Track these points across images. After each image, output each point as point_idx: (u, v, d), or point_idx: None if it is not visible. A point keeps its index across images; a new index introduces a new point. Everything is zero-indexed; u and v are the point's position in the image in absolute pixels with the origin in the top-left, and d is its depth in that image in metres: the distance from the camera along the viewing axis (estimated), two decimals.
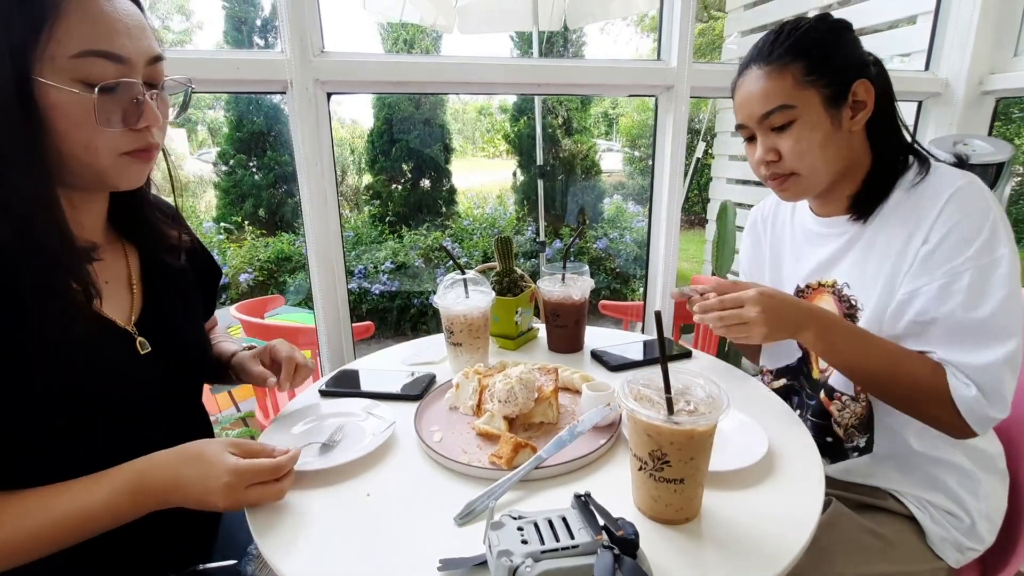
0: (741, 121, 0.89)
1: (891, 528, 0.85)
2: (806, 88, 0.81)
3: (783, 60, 0.82)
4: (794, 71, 0.82)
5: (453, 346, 1.01)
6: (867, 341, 0.81)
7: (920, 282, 0.78)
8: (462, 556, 0.56)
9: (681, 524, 0.62)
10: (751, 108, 0.86)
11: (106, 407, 0.66)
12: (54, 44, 0.55)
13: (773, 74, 0.83)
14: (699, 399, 0.61)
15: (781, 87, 0.82)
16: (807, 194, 0.90)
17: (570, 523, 0.53)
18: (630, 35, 10.23)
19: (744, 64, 0.88)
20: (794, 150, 0.83)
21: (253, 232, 5.36)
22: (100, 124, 0.58)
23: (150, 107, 0.62)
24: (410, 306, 4.67)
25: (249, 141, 5.46)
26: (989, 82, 1.64)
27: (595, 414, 0.76)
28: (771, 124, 0.84)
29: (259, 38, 5.74)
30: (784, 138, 0.84)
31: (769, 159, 0.86)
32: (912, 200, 0.82)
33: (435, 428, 0.82)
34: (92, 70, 0.56)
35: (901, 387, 0.79)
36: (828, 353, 0.83)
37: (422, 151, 5.74)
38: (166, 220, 0.80)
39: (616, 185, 7.22)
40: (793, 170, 0.85)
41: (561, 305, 1.08)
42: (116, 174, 0.63)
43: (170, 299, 0.78)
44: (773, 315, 0.79)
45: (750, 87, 0.85)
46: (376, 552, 0.60)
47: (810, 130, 0.82)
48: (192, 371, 0.80)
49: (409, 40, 6.32)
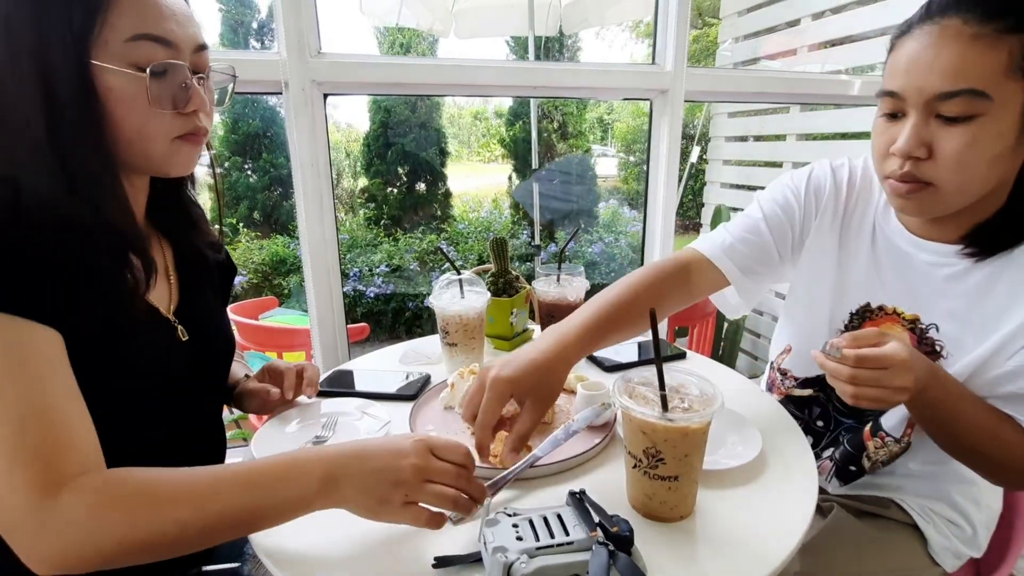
0: (897, 89, 0.64)
1: (892, 535, 0.83)
2: (1018, 78, 0.58)
3: (1009, 22, 0.57)
4: (1014, 46, 0.57)
5: (448, 347, 1.01)
6: (973, 404, 0.68)
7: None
8: (457, 554, 0.56)
9: (675, 522, 0.62)
10: (926, 78, 0.61)
11: (150, 393, 0.67)
12: (108, 29, 0.57)
13: (983, 40, 0.57)
14: (693, 396, 0.62)
15: (986, 64, 0.58)
16: (935, 214, 0.70)
17: (565, 520, 0.53)
18: (625, 40, 10.28)
19: (939, 7, 0.61)
20: (959, 157, 0.61)
21: (248, 235, 5.34)
22: (152, 105, 0.60)
23: (198, 92, 0.64)
24: (405, 309, 4.66)
25: (245, 143, 5.45)
26: None
27: (590, 413, 0.76)
28: (941, 110, 0.61)
29: (255, 41, 5.73)
30: (952, 134, 0.61)
31: (918, 154, 0.64)
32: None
33: (430, 428, 0.82)
34: (143, 53, 0.59)
35: (987, 452, 0.69)
36: (932, 413, 0.68)
37: (418, 155, 5.75)
38: (204, 216, 0.83)
39: (611, 190, 7.24)
40: (936, 181, 0.64)
41: (556, 306, 1.08)
42: (168, 159, 0.65)
43: (202, 291, 0.80)
44: (918, 383, 0.62)
45: (936, 48, 0.60)
46: (370, 550, 0.60)
47: (992, 137, 0.60)
48: (222, 360, 0.83)
49: (406, 44, 6.33)
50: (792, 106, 2.29)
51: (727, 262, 0.89)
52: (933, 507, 0.84)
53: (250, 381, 0.89)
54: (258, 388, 0.85)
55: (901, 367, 0.60)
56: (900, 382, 0.61)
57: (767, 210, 0.90)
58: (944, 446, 0.73)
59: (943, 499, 0.83)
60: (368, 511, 0.56)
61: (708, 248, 0.91)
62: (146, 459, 0.69)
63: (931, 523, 0.83)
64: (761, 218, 0.90)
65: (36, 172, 0.57)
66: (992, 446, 0.68)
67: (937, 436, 0.73)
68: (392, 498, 0.55)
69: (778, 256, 0.90)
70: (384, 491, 0.55)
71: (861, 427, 0.86)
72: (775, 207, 0.89)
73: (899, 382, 0.61)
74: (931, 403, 0.67)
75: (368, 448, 0.58)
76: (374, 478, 0.55)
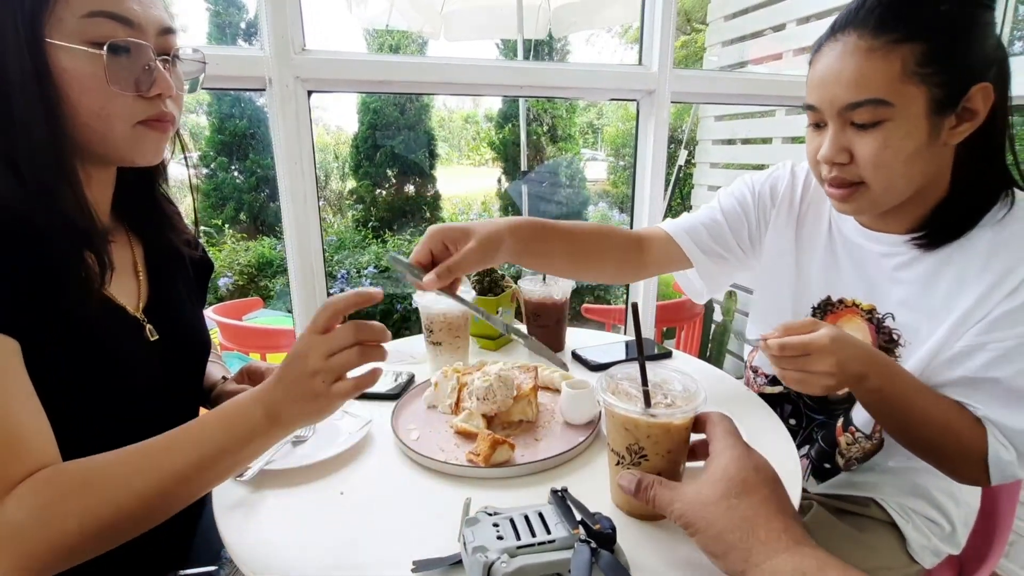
0: (814, 103, 0.70)
1: (871, 534, 0.84)
2: (914, 82, 0.62)
3: (897, 36, 0.62)
4: (906, 55, 0.61)
5: (433, 345, 1.00)
6: (924, 395, 0.69)
7: (991, 337, 0.67)
8: (436, 556, 0.55)
9: (659, 520, 0.61)
10: (834, 92, 0.66)
11: (116, 394, 0.65)
12: (63, 6, 0.55)
13: (877, 53, 0.62)
14: (676, 392, 0.61)
15: (883, 74, 0.62)
16: (872, 212, 0.75)
17: (546, 518, 0.52)
18: (615, 47, 10.35)
19: (839, 25, 0.66)
20: (875, 158, 0.66)
21: (234, 236, 5.28)
22: (111, 84, 0.58)
23: (162, 75, 0.61)
24: (392, 311, 4.63)
25: (231, 144, 5.40)
26: None
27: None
28: (853, 118, 0.66)
29: (244, 40, 5.69)
30: (866, 140, 0.66)
31: (839, 160, 0.69)
32: (1002, 239, 0.68)
33: (412, 427, 0.81)
34: (101, 31, 0.57)
35: (940, 444, 0.70)
36: (879, 404, 0.70)
37: (407, 157, 5.73)
38: (178, 213, 0.80)
39: (600, 193, 7.27)
40: (864, 179, 0.68)
41: (542, 305, 1.08)
42: (131, 146, 0.63)
43: (175, 288, 0.78)
44: (844, 367, 0.64)
45: (840, 64, 0.65)
46: (349, 552, 0.58)
47: (901, 138, 0.64)
48: (195, 360, 0.80)
49: (395, 46, 6.31)
50: (777, 109, 2.31)
51: (687, 240, 0.93)
52: (911, 505, 0.84)
53: (228, 383, 0.87)
54: (237, 390, 0.83)
55: (821, 352, 0.63)
56: (822, 367, 0.63)
57: (724, 204, 0.95)
58: (900, 439, 0.74)
59: (922, 496, 0.83)
60: (314, 414, 0.57)
61: (670, 226, 0.96)
62: None
63: (909, 521, 0.83)
64: (718, 209, 0.95)
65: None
66: (946, 439, 0.69)
67: (890, 428, 0.74)
68: (317, 388, 0.55)
69: (737, 246, 0.95)
70: (307, 387, 0.55)
71: (833, 423, 0.86)
72: (732, 200, 0.95)
73: (820, 367, 0.63)
74: (876, 392, 0.68)
75: (279, 370, 0.58)
76: (295, 386, 0.56)
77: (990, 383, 0.68)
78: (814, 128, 0.73)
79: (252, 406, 0.57)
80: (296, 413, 0.56)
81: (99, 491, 0.52)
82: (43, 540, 0.49)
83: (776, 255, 0.92)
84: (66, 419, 0.60)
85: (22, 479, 0.51)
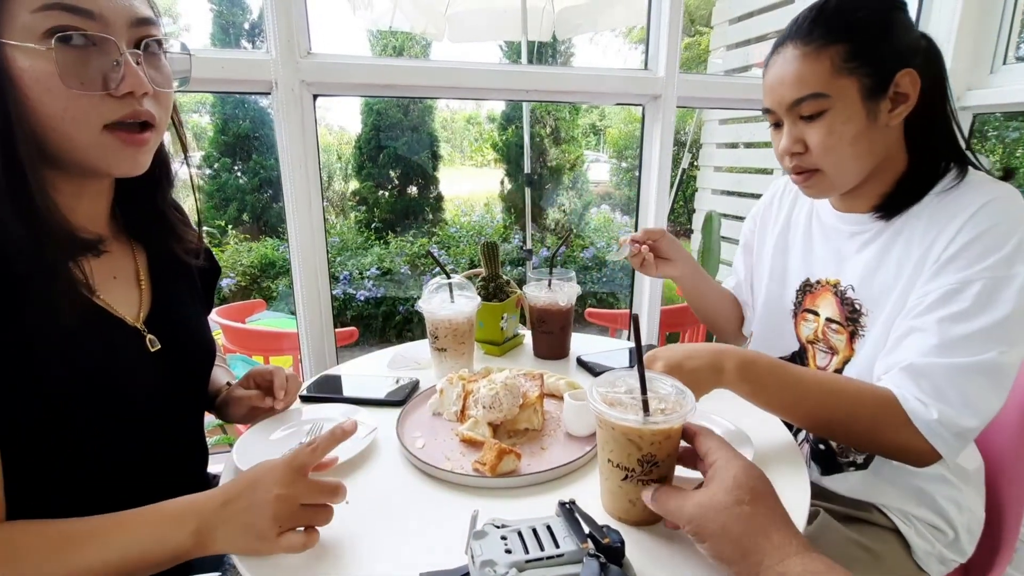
0: (768, 105, 0.82)
1: (877, 541, 0.83)
2: (844, 76, 0.73)
3: (823, 40, 0.74)
4: (833, 55, 0.73)
5: (437, 351, 0.99)
6: (800, 376, 0.73)
7: (928, 288, 0.73)
8: (443, 569, 0.55)
9: (659, 522, 0.61)
10: (781, 93, 0.78)
11: (114, 407, 0.64)
12: (15, 1, 0.51)
13: (809, 56, 0.74)
14: (667, 395, 0.61)
15: (816, 72, 0.74)
16: (832, 192, 0.84)
17: (555, 531, 0.51)
18: (619, 46, 10.34)
19: (780, 41, 0.80)
20: (823, 144, 0.76)
21: (236, 237, 5.29)
22: (64, 82, 0.52)
23: (133, 70, 0.56)
24: (395, 313, 4.63)
25: (234, 144, 5.41)
26: (967, 98, 1.68)
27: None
28: (800, 112, 0.77)
29: (247, 42, 5.70)
30: (813, 129, 0.77)
31: (795, 150, 0.80)
32: (941, 206, 0.76)
33: (418, 434, 0.81)
34: (56, 24, 0.52)
35: (850, 423, 0.72)
36: (759, 393, 0.74)
37: (410, 158, 5.74)
38: (184, 220, 0.78)
39: (603, 195, 7.27)
40: (818, 166, 0.79)
41: (547, 311, 1.07)
42: (101, 154, 0.58)
43: (178, 297, 0.77)
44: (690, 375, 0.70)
45: (782, 69, 0.77)
46: (354, 562, 0.58)
47: (843, 123, 0.75)
48: (199, 369, 0.79)
49: (398, 48, 6.32)
50: None
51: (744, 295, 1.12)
52: (914, 511, 0.83)
53: (235, 388, 0.86)
54: (244, 395, 0.82)
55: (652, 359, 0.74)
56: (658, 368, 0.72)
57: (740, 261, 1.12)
58: (814, 428, 0.77)
59: (924, 503, 0.83)
60: (245, 551, 0.56)
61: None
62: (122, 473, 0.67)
63: (912, 527, 0.83)
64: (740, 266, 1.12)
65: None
66: (853, 411, 0.71)
67: (799, 418, 0.75)
68: (267, 532, 0.54)
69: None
70: (259, 526, 0.54)
71: None
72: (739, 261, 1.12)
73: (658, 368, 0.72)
74: (766, 385, 0.73)
75: (231, 491, 0.56)
76: (246, 515, 0.54)
77: (919, 332, 0.72)
78: (775, 128, 0.84)
79: (186, 518, 0.55)
80: (231, 543, 0.55)
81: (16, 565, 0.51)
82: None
83: (767, 252, 1.02)
84: (64, 431, 0.59)
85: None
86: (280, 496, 0.54)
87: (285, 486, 0.55)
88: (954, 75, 1.67)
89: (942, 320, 0.70)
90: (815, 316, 0.91)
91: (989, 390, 0.69)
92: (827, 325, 0.89)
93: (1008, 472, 0.92)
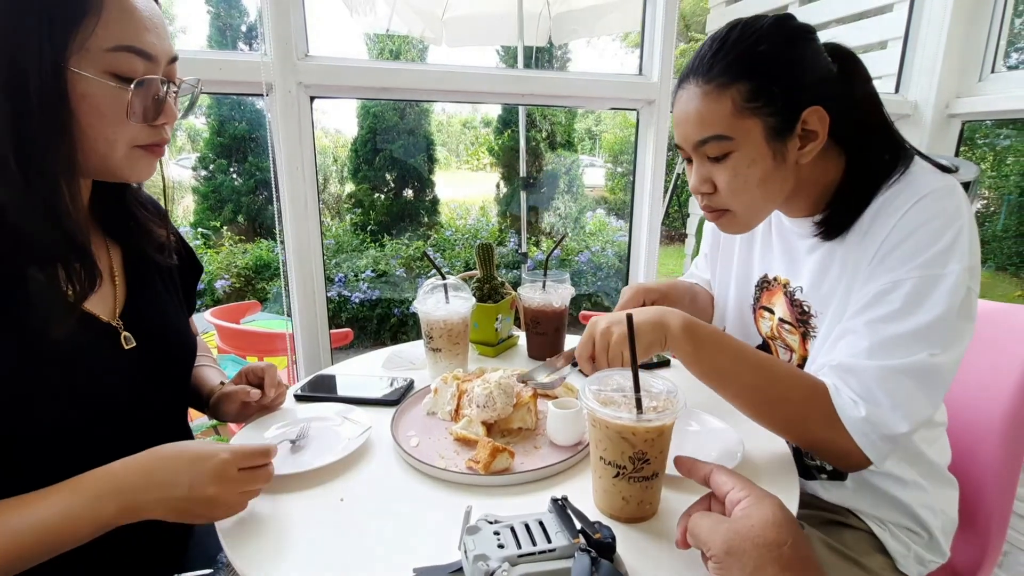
0: (678, 142, 0.78)
1: (856, 545, 0.83)
2: (747, 116, 0.70)
3: (723, 79, 0.70)
4: (734, 95, 0.69)
5: (432, 352, 1.00)
6: (741, 347, 0.72)
7: (864, 289, 0.71)
8: (436, 564, 0.55)
9: (650, 519, 0.62)
10: (685, 131, 0.75)
11: (90, 405, 0.64)
12: (92, 37, 0.57)
13: (711, 96, 0.71)
14: (659, 393, 0.62)
15: (717, 113, 0.70)
16: (745, 230, 0.82)
17: (547, 527, 0.52)
18: (616, 50, 10.40)
19: (683, 76, 0.75)
20: (729, 186, 0.74)
21: (231, 238, 5.28)
22: (129, 117, 0.61)
23: (169, 104, 0.65)
24: (390, 315, 4.63)
25: (230, 146, 5.41)
26: (955, 105, 1.71)
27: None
28: (707, 152, 0.74)
29: (244, 44, 5.71)
30: (719, 170, 0.74)
31: (703, 190, 0.77)
32: (882, 203, 0.73)
33: (412, 433, 0.81)
34: (122, 64, 0.59)
35: (781, 405, 0.70)
36: (700, 354, 0.72)
37: (406, 161, 5.75)
38: (154, 218, 0.79)
39: (598, 199, 7.30)
40: (727, 207, 0.77)
41: (541, 312, 1.08)
42: (128, 167, 0.65)
43: (155, 293, 0.77)
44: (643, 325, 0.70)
45: (686, 107, 0.74)
46: (349, 559, 0.58)
47: (748, 166, 0.72)
48: (177, 366, 0.79)
49: (395, 51, 6.34)
50: None
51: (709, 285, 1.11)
52: (887, 516, 0.83)
53: (227, 385, 0.86)
54: (236, 390, 0.82)
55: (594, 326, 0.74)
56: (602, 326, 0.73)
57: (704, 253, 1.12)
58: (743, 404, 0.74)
59: (896, 506, 0.82)
60: (179, 520, 0.59)
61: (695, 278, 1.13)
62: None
63: (886, 530, 0.83)
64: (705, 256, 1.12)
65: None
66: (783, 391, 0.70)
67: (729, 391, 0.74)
68: (211, 515, 0.60)
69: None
70: (199, 511, 0.59)
71: None
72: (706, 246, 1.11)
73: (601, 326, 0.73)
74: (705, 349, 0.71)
75: (156, 476, 0.58)
76: (183, 504, 0.58)
77: (850, 334, 0.71)
78: (688, 163, 0.81)
79: (106, 498, 0.57)
80: (156, 510, 0.58)
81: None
82: None
83: (728, 246, 1.03)
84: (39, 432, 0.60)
85: None
86: (216, 493, 0.58)
87: (221, 483, 0.59)
88: (943, 83, 1.71)
89: (871, 322, 0.69)
90: (771, 314, 0.91)
91: (919, 392, 0.66)
92: (780, 325, 0.89)
93: (993, 475, 0.93)
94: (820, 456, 0.75)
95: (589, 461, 0.74)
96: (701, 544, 0.51)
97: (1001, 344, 0.93)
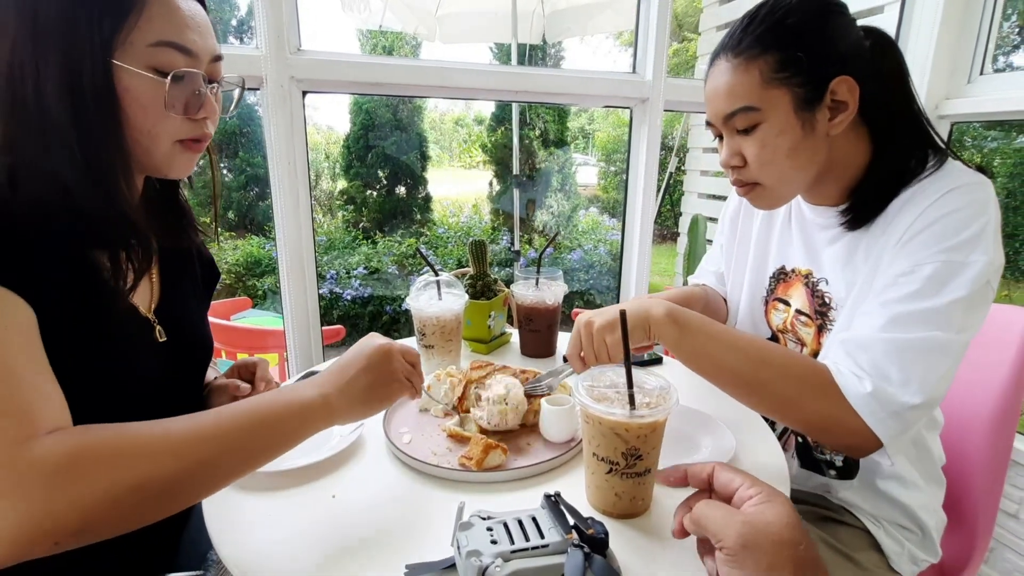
0: (709, 119, 0.80)
1: (851, 542, 0.84)
2: (775, 87, 0.71)
3: (752, 52, 0.71)
4: (762, 66, 0.71)
5: (425, 348, 1.00)
6: (726, 329, 0.73)
7: (886, 273, 0.70)
8: (430, 560, 0.55)
9: (643, 515, 0.63)
10: (716, 106, 0.76)
11: (127, 391, 0.66)
12: (135, 32, 0.59)
13: (739, 68, 0.72)
14: (651, 389, 0.62)
15: (745, 85, 0.72)
16: (777, 204, 0.82)
17: (540, 523, 0.52)
18: (609, 48, 10.40)
19: (714, 53, 0.78)
20: (759, 157, 0.74)
21: (222, 234, 5.23)
22: (167, 109, 0.63)
23: (210, 99, 0.67)
24: (382, 313, 4.60)
25: (221, 141, 5.35)
26: (945, 107, 1.72)
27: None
28: (735, 126, 0.75)
29: (235, 38, 5.65)
30: (748, 143, 0.75)
31: (733, 163, 0.78)
32: (911, 195, 0.72)
33: (404, 430, 0.81)
34: (163, 59, 0.61)
35: (773, 385, 0.69)
36: (685, 338, 0.72)
37: (398, 158, 5.72)
38: (195, 222, 0.83)
39: (591, 198, 7.31)
40: (758, 180, 0.77)
41: (534, 309, 1.08)
42: (169, 161, 0.67)
43: (183, 293, 0.80)
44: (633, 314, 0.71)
45: (716, 82, 0.76)
46: (341, 556, 0.58)
47: (776, 136, 0.72)
48: (200, 363, 0.81)
49: (388, 47, 6.31)
50: None
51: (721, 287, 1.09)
52: (882, 513, 0.84)
53: (219, 378, 0.86)
54: (227, 383, 0.83)
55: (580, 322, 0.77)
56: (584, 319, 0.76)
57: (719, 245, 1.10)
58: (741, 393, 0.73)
59: (891, 503, 0.83)
60: (367, 414, 0.66)
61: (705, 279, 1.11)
62: None
63: (881, 527, 0.84)
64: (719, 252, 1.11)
65: (58, 160, 0.58)
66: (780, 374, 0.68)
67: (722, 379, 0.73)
68: (391, 395, 0.67)
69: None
70: (382, 394, 0.67)
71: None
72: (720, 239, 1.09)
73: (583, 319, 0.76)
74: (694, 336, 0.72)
75: (349, 368, 0.65)
76: (370, 392, 0.65)
77: (861, 317, 0.70)
78: (719, 141, 0.81)
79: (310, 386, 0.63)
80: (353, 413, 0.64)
81: (140, 455, 0.51)
82: (66, 498, 0.47)
83: (745, 237, 1.02)
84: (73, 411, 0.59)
85: (48, 431, 0.49)
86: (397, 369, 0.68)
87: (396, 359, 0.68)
88: (933, 84, 1.72)
89: (888, 302, 0.68)
90: (786, 306, 0.91)
91: (934, 367, 0.64)
92: (796, 316, 0.89)
93: (981, 473, 0.95)
94: (827, 443, 0.73)
95: (582, 457, 0.75)
96: (711, 535, 0.49)
97: (988, 343, 0.94)
